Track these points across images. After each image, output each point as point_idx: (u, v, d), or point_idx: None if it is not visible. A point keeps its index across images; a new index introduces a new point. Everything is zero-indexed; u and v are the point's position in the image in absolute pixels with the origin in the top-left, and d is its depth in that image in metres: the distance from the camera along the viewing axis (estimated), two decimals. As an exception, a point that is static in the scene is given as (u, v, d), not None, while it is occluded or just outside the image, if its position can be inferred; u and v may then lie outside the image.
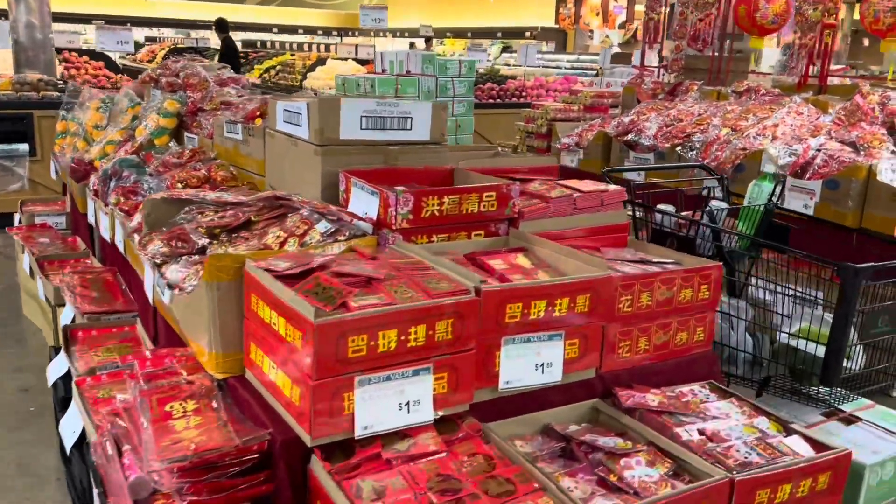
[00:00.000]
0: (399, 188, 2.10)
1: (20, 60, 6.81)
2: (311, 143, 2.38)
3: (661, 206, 2.75)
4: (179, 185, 2.82)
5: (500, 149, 6.50)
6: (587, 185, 2.50)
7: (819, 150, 4.31)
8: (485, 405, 1.85)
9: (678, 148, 4.96)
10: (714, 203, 2.78)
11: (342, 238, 1.99)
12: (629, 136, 5.29)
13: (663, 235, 2.67)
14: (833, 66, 8.61)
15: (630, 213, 2.81)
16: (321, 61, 12.35)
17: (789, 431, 1.96)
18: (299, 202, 2.12)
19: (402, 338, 1.61)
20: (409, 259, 1.90)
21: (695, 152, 4.83)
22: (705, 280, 2.12)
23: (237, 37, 25.93)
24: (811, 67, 5.96)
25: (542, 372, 1.88)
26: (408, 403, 1.64)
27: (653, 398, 1.99)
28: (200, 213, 2.27)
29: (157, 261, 2.21)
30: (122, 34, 6.52)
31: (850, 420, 2.45)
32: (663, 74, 6.75)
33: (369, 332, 1.56)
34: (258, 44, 23.31)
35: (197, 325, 1.92)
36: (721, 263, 2.16)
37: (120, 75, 10.10)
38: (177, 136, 3.69)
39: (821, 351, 2.31)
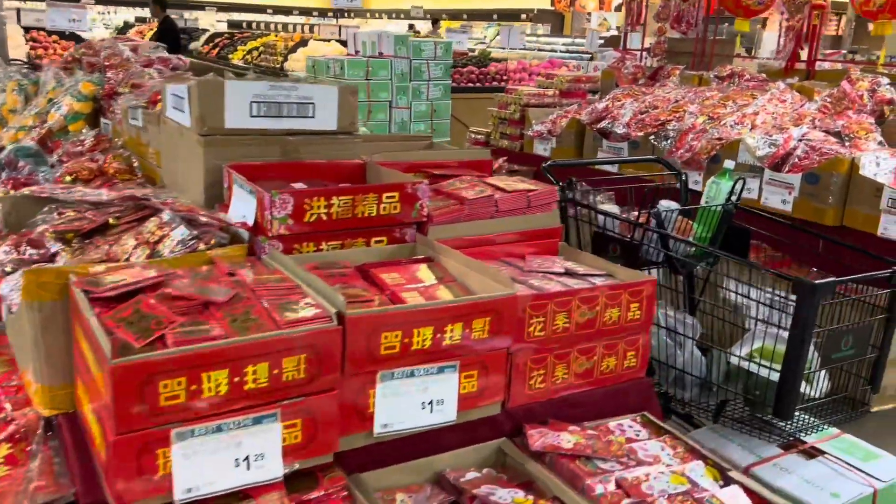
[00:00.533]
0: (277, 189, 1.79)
1: (-32, 39, 6.48)
2: (193, 132, 2.07)
3: (605, 207, 2.44)
4: (68, 178, 2.52)
5: (476, 136, 6.13)
6: (515, 183, 2.19)
7: (801, 141, 3.99)
8: (364, 451, 1.55)
9: (651, 137, 4.64)
10: (663, 203, 2.47)
11: (203, 248, 1.69)
12: (602, 124, 4.96)
13: (606, 240, 2.36)
14: (830, 52, 8.27)
15: (580, 215, 2.50)
16: (303, 42, 11.98)
17: (727, 480, 1.67)
18: (162, 203, 1.82)
19: (237, 379, 1.31)
20: (272, 275, 1.60)
21: (669, 142, 4.50)
22: (635, 297, 1.82)
23: (230, 17, 25.56)
24: (801, 51, 5.62)
25: (431, 411, 1.57)
26: (247, 458, 1.34)
27: (568, 438, 1.69)
28: (60, 213, 1.96)
29: (7, 269, 1.91)
30: (75, 11, 6.17)
31: (811, 453, 2.16)
32: (646, 58, 6.41)
33: (189, 374, 1.26)
34: (252, 24, 22.91)
35: (24, 351, 1.62)
36: (654, 278, 1.85)
37: (91, 56, 9.77)
38: (95, 122, 3.38)
39: (777, 375, 2.01)
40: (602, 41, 11.67)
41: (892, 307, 2.06)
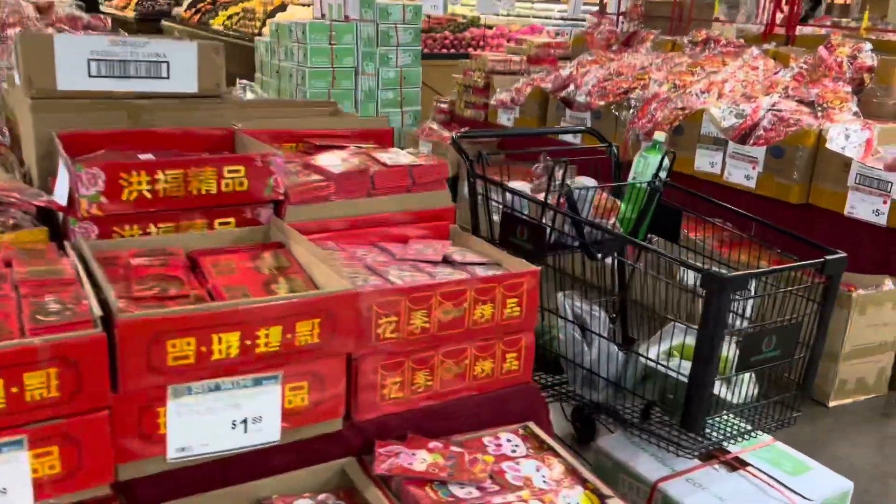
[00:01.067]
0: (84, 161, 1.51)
1: None
2: (24, 95, 1.79)
3: (513, 184, 2.16)
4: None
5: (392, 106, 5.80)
6: (401, 157, 1.91)
7: (769, 111, 3.69)
8: (168, 479, 1.30)
9: (613, 107, 4.34)
10: (578, 181, 2.19)
11: (-6, 232, 1.42)
12: (565, 93, 4.66)
13: (514, 222, 2.09)
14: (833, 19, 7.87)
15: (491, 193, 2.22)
16: (282, 7, 11.58)
17: (606, 511, 1.41)
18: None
19: (-44, 400, 1.05)
20: (53, 267, 1.33)
21: (631, 111, 4.20)
22: (512, 291, 1.55)
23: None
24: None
25: (246, 430, 1.32)
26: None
27: (424, 458, 1.44)
28: None
29: None
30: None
31: (733, 465, 1.90)
32: (623, 22, 6.07)
33: None
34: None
35: None
36: (537, 269, 1.58)
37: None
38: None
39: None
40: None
41: (825, 300, 1.79)
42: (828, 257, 1.75)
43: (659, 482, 1.81)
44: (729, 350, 1.71)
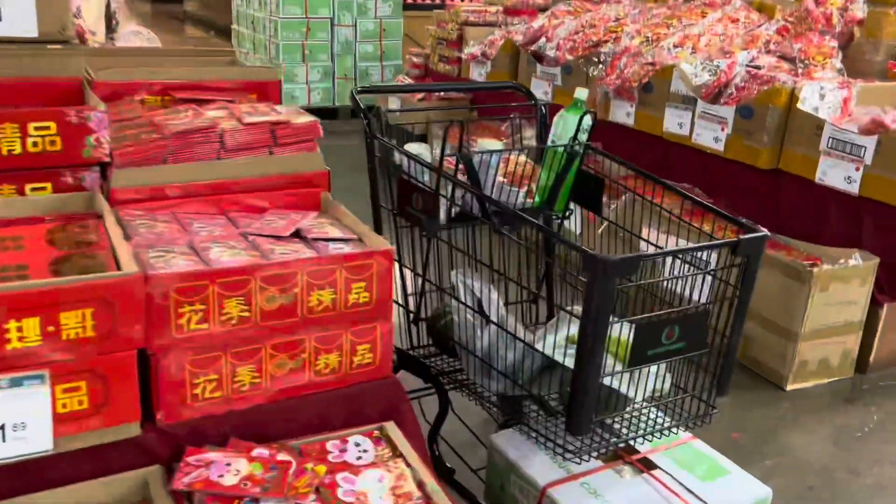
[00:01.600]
0: None
1: None
2: None
3: (410, 146, 1.91)
4: None
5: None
6: (265, 113, 1.67)
7: (744, 67, 3.39)
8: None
9: (582, 62, 4.04)
10: (482, 143, 1.94)
11: None
12: (536, 46, 4.36)
13: (410, 190, 1.85)
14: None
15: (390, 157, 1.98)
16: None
17: (444, 534, 1.21)
18: None
19: None
20: None
21: (602, 67, 3.91)
22: (358, 275, 1.32)
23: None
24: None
25: (4, 439, 1.11)
26: None
27: (238, 470, 1.23)
28: None
29: None
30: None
31: (640, 467, 1.69)
32: (610, -28, 5.70)
33: None
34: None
35: None
36: (389, 249, 1.35)
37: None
38: None
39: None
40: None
41: (742, 284, 1.55)
42: (742, 236, 1.50)
43: (549, 486, 1.60)
44: (630, 338, 1.48)
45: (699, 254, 1.61)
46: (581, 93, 1.99)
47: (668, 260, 1.58)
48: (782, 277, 2.74)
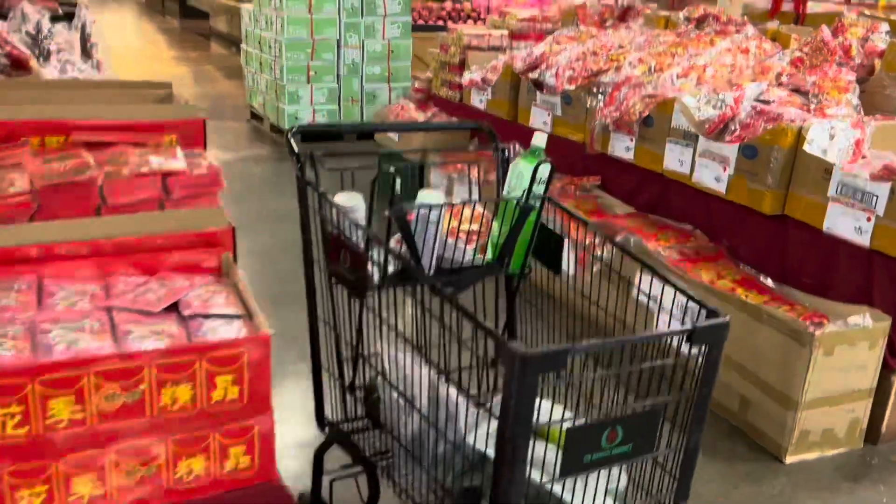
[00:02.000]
0: None
1: None
2: None
3: (340, 196, 1.70)
4: None
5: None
6: (169, 162, 1.47)
7: (753, 102, 3.14)
8: None
9: (582, 92, 3.82)
10: (422, 195, 1.71)
11: None
12: (535, 73, 4.14)
13: (338, 245, 1.64)
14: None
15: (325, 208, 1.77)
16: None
17: None
18: None
19: None
20: None
21: (601, 97, 3.68)
22: (224, 367, 1.11)
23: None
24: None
25: None
26: None
27: None
28: None
29: None
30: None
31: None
32: (623, -5, 5.48)
33: None
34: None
35: None
36: (264, 336, 1.14)
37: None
38: None
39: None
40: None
41: (703, 377, 1.31)
42: (699, 324, 1.26)
43: None
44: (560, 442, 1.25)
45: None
46: (539, 138, 1.77)
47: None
48: (782, 337, 2.48)
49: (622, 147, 3.62)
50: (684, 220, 3.36)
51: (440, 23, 7.43)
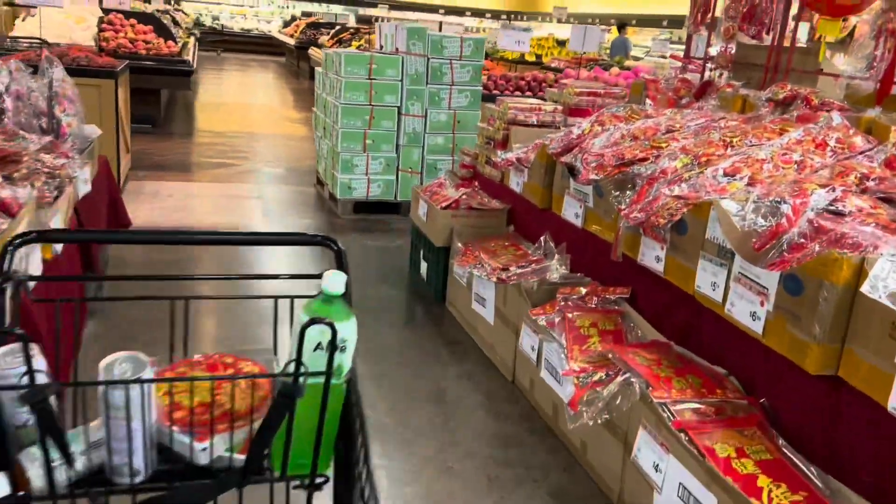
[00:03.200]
0: None
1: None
2: None
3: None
4: None
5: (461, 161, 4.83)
6: None
7: (819, 212, 2.35)
8: None
9: (610, 184, 3.12)
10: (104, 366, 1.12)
11: None
12: (569, 157, 3.48)
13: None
14: None
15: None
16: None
17: None
18: None
19: None
20: None
21: (630, 193, 2.97)
22: None
23: (405, 15, 25.44)
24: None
25: None
26: None
27: None
28: None
29: None
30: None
31: None
32: (710, 69, 4.73)
33: None
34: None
35: None
36: None
37: (169, 42, 9.43)
38: None
39: None
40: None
41: None
42: None
43: None
44: None
45: None
46: (333, 281, 1.14)
47: None
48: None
49: (652, 256, 2.88)
50: (718, 360, 2.57)
51: (517, 93, 6.88)
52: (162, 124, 9.64)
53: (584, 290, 3.18)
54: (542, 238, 3.77)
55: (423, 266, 4.48)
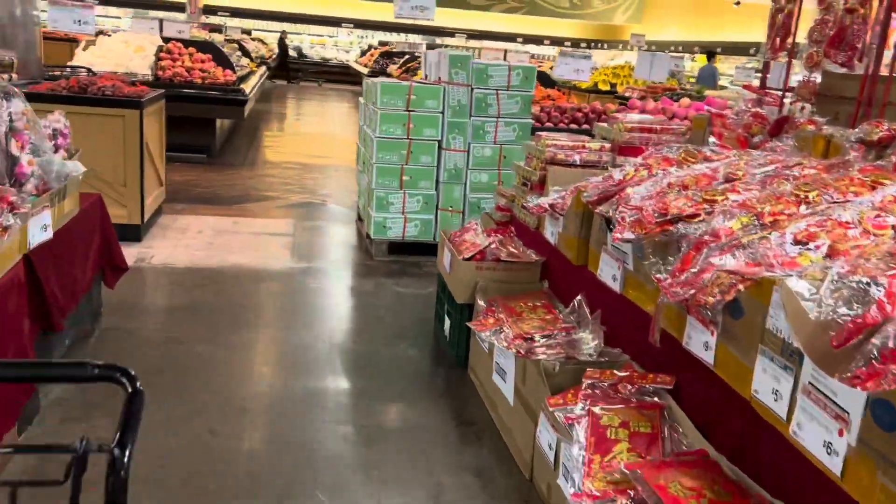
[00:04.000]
0: None
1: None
2: None
3: None
4: None
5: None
6: None
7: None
8: None
9: (648, 246, 2.51)
10: None
11: None
12: (606, 207, 2.89)
13: None
14: None
15: None
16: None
17: None
18: None
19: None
20: None
21: (672, 259, 2.35)
22: None
23: (482, 44, 25.24)
24: None
25: None
26: None
27: None
28: None
29: None
30: (81, 13, 5.36)
31: None
32: (790, 102, 4.04)
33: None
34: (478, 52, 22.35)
35: None
36: None
37: (227, 71, 9.28)
38: None
39: None
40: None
41: None
42: None
43: None
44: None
45: None
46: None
47: None
48: None
49: (700, 342, 2.25)
50: (781, 493, 1.91)
51: (572, 126, 6.26)
52: (218, 154, 9.47)
53: (618, 374, 2.56)
54: (575, 301, 3.17)
55: (447, 323, 3.93)
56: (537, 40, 29.28)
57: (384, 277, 5.12)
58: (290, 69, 24.30)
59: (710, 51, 14.75)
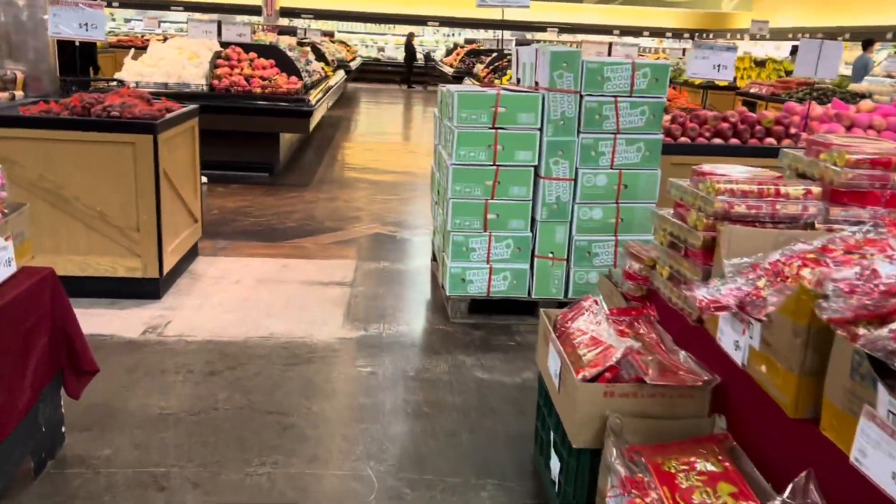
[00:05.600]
0: None
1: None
2: None
3: None
4: None
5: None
6: None
7: None
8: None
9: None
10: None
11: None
12: (877, 337, 1.45)
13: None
14: None
15: None
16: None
17: None
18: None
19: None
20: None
21: None
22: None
23: (574, 38, 23.70)
24: None
25: None
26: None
27: None
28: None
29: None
30: (90, 13, 4.28)
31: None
32: None
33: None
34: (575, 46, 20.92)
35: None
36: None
37: (292, 78, 8.19)
38: None
39: None
40: None
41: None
42: None
43: None
44: None
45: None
46: None
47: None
48: None
49: None
50: None
51: (715, 140, 4.72)
52: (282, 172, 8.40)
53: None
54: (797, 480, 1.76)
55: (555, 464, 2.57)
56: (635, 32, 27.39)
57: (462, 354, 3.81)
58: (412, 74, 23.52)
59: (870, 39, 12.58)
